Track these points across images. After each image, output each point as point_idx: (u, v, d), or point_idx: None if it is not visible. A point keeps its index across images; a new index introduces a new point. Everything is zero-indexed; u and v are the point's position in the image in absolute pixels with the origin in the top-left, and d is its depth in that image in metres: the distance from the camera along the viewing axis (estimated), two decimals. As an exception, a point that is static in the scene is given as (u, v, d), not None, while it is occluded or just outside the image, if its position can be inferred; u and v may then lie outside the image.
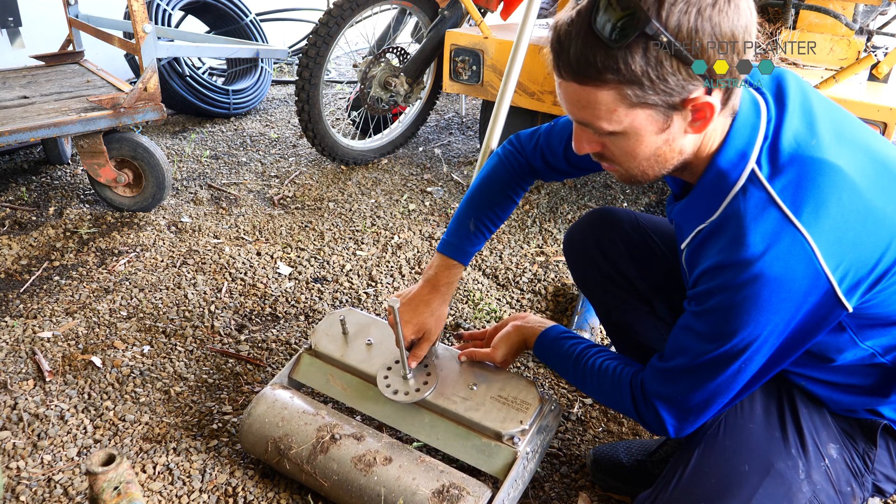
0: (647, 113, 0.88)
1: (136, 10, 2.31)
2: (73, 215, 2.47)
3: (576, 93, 0.89)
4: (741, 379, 0.98)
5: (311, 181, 2.97)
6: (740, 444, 1.05)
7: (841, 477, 1.05)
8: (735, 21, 0.83)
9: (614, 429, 1.62)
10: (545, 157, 1.36)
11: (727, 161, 0.95)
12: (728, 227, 0.93)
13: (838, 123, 0.96)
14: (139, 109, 2.39)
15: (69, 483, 1.37)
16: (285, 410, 1.38)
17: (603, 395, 1.17)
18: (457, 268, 1.39)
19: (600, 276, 1.35)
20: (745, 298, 0.90)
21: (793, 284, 0.87)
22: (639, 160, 0.95)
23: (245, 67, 3.99)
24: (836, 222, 0.87)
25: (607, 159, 0.99)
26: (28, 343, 1.79)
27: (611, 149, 0.96)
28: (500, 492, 1.22)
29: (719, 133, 0.96)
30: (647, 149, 0.93)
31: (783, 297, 0.88)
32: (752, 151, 0.94)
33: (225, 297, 2.07)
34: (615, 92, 0.86)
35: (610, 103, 0.87)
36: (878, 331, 0.99)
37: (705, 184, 0.98)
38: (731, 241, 0.91)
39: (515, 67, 1.46)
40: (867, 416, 1.08)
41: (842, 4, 2.56)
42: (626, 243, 1.33)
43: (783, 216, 0.88)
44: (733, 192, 0.94)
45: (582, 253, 1.37)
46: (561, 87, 0.92)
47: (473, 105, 4.30)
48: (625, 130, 0.90)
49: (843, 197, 0.88)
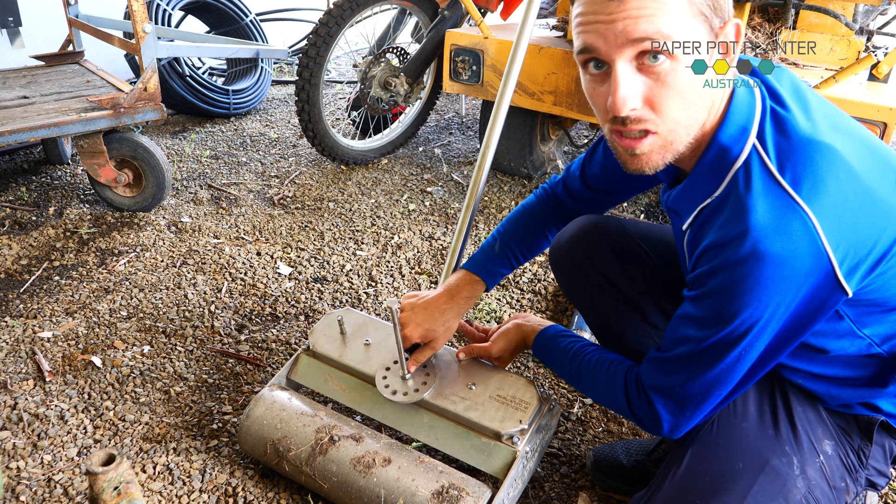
0: (701, 29, 0.87)
1: (136, 10, 2.31)
2: (73, 215, 2.47)
3: (640, 3, 0.84)
4: (740, 368, 0.96)
5: (311, 181, 2.97)
6: (734, 442, 1.05)
7: (835, 472, 1.05)
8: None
9: (614, 429, 1.62)
10: (566, 186, 1.39)
11: (729, 136, 0.94)
12: (729, 202, 0.91)
13: (831, 114, 0.96)
14: (139, 109, 2.39)
15: (69, 483, 1.37)
16: (284, 412, 1.38)
17: (597, 391, 1.16)
18: (479, 284, 1.38)
19: (589, 285, 1.33)
20: (745, 276, 0.88)
21: (795, 262, 0.86)
22: (689, 99, 0.90)
23: (245, 67, 3.99)
24: (835, 201, 0.86)
25: (650, 112, 0.90)
26: (28, 343, 1.79)
27: (661, 88, 0.89)
28: (499, 491, 1.22)
29: (717, 108, 0.95)
30: (698, 80, 0.89)
31: (785, 275, 0.86)
32: (752, 127, 0.93)
33: (225, 297, 2.07)
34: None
35: (679, 7, 0.85)
36: (877, 317, 0.99)
37: (706, 162, 0.97)
38: (732, 217, 0.89)
39: (515, 67, 1.46)
40: (863, 411, 1.07)
41: (842, 4, 2.56)
42: (614, 251, 1.31)
43: (785, 192, 0.87)
44: (735, 167, 0.93)
45: (570, 262, 1.35)
46: (616, 9, 0.85)
47: (473, 105, 4.30)
48: (685, 50, 0.87)
49: (840, 176, 0.87)
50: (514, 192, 2.93)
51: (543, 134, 3.10)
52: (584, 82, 0.97)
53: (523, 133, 2.93)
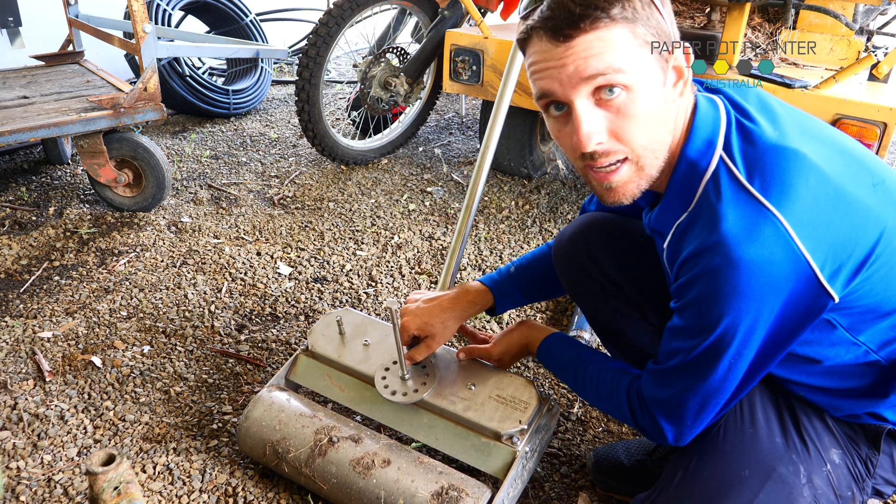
0: (650, 58, 0.90)
1: (136, 10, 2.31)
2: (73, 215, 2.47)
3: (587, 43, 0.88)
4: (733, 377, 0.96)
5: (311, 181, 2.97)
6: (741, 449, 1.05)
7: (842, 481, 1.04)
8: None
9: (614, 429, 1.62)
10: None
11: (695, 150, 0.96)
12: (702, 214, 0.93)
13: (801, 122, 0.97)
14: (139, 109, 2.39)
15: (69, 483, 1.37)
16: (282, 413, 1.38)
17: (601, 402, 1.17)
18: (486, 294, 1.40)
19: (590, 282, 1.32)
20: (723, 284, 0.88)
21: (771, 268, 0.86)
22: (651, 125, 0.92)
23: (245, 67, 3.99)
24: (806, 204, 0.87)
25: (616, 144, 0.92)
26: (28, 343, 1.79)
27: (622, 119, 0.91)
28: (499, 492, 1.22)
29: (680, 127, 0.97)
30: (656, 105, 0.91)
31: (763, 281, 0.87)
32: (718, 139, 0.95)
33: (225, 297, 2.07)
34: (626, 28, 0.88)
35: (624, 41, 0.88)
36: (870, 324, 0.98)
37: (677, 178, 0.98)
38: (705, 227, 0.91)
39: (515, 67, 1.46)
40: (870, 420, 1.07)
41: (842, 4, 2.56)
42: (616, 249, 1.31)
43: (754, 199, 0.88)
44: (705, 179, 0.94)
45: (571, 258, 1.34)
46: (563, 53, 0.89)
47: (473, 105, 4.30)
48: (638, 80, 0.89)
49: (810, 180, 0.88)
50: (514, 192, 2.93)
51: (543, 134, 3.10)
52: (549, 125, 0.99)
53: (523, 133, 2.93)
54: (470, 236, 2.51)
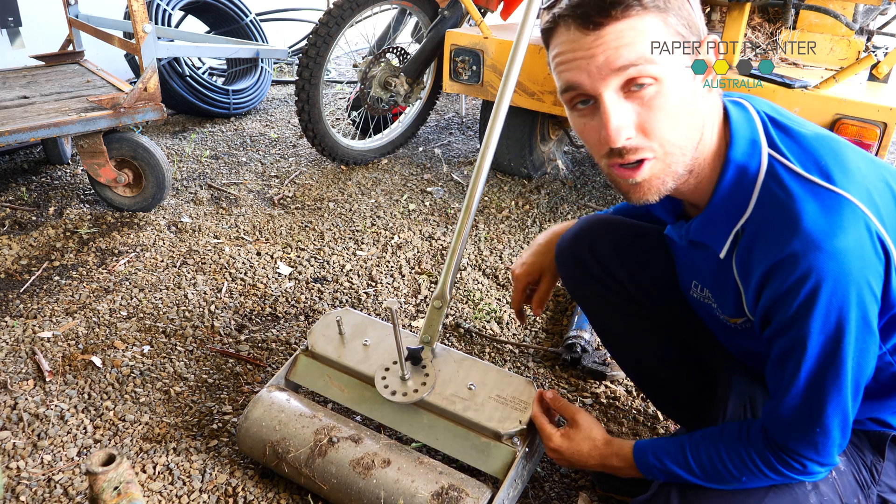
0: (680, 49, 0.88)
1: (136, 10, 2.31)
2: (73, 215, 2.47)
3: (618, 32, 0.84)
4: (857, 376, 0.90)
5: (311, 181, 2.97)
6: None
7: (848, 489, 1.03)
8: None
9: (614, 429, 1.62)
10: None
11: (742, 153, 0.93)
12: (772, 216, 0.89)
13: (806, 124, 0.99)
14: (139, 109, 2.39)
15: (69, 483, 1.37)
16: (282, 413, 1.38)
17: (731, 475, 1.02)
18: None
19: (593, 282, 1.31)
20: (826, 277, 0.84)
21: (863, 251, 0.84)
22: (680, 119, 0.89)
23: (245, 67, 3.99)
24: (864, 182, 0.88)
25: (644, 139, 0.89)
26: (28, 343, 1.79)
27: (651, 112, 0.88)
28: (499, 492, 1.22)
29: (712, 127, 0.94)
30: (686, 99, 0.89)
31: (861, 265, 0.84)
32: (760, 138, 0.93)
33: (225, 297, 2.07)
34: (658, 18, 0.85)
35: (657, 30, 0.85)
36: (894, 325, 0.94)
37: (727, 184, 0.95)
38: (786, 229, 0.87)
39: (515, 67, 1.46)
40: (874, 427, 1.06)
41: (842, 4, 2.56)
42: (619, 248, 1.29)
43: (823, 188, 0.87)
44: (760, 180, 0.92)
45: (574, 258, 1.33)
46: (593, 43, 0.85)
47: (473, 105, 4.30)
48: (669, 72, 0.87)
49: (857, 158, 0.90)
50: (514, 192, 2.93)
51: (543, 134, 3.10)
52: (573, 120, 0.95)
53: (523, 133, 2.93)
54: (470, 236, 2.51)
